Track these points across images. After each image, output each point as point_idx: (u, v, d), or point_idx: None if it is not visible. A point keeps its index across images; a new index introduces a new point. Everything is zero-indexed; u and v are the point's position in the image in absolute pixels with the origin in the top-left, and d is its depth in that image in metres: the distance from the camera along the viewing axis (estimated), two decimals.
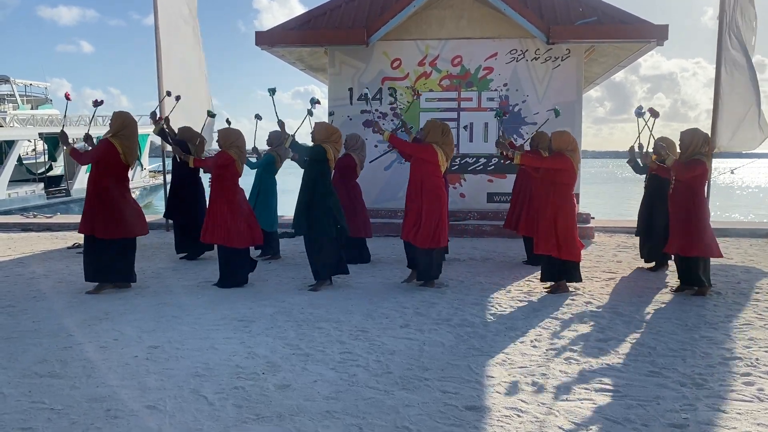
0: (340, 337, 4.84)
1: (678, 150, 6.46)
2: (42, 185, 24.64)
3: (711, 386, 3.86)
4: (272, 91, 6.84)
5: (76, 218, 13.27)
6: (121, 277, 6.44)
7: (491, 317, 5.46)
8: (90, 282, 6.40)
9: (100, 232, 6.21)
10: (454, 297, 6.17)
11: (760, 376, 4.02)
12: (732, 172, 8.90)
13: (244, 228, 6.57)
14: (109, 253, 6.28)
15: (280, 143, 8.07)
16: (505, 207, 10.75)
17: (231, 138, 6.57)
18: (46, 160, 26.94)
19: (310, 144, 6.55)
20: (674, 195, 6.26)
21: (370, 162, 10.42)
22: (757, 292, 6.37)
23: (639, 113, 6.89)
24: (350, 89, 11.03)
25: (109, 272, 6.37)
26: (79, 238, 10.33)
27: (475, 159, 10.92)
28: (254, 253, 7.83)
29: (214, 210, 6.53)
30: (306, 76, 13.84)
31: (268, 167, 8.14)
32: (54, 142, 26.53)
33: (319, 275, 6.56)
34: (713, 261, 6.51)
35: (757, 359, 4.35)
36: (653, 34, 10.05)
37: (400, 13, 10.32)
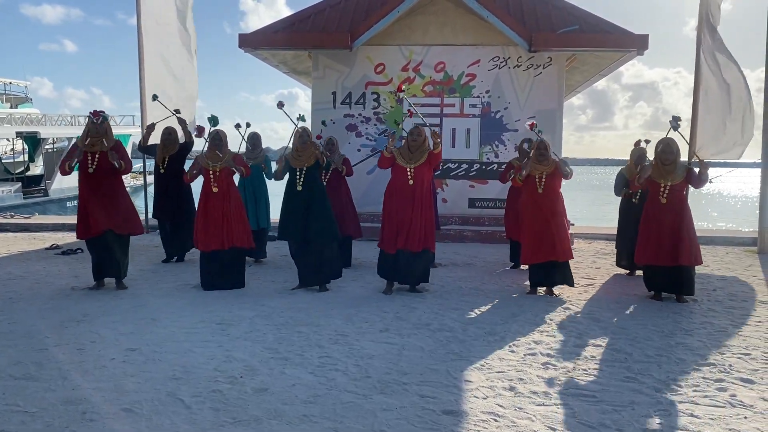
0: (320, 341, 4.84)
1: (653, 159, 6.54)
2: (19, 185, 24.33)
3: (685, 392, 3.92)
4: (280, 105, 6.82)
5: (55, 219, 13.16)
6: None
7: (470, 322, 5.48)
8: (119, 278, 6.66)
9: (139, 227, 6.71)
10: (434, 302, 6.19)
11: (733, 383, 4.09)
12: (710, 182, 9.01)
13: None
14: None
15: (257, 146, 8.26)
16: (488, 213, 10.87)
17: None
18: (25, 159, 26.62)
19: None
20: (673, 204, 6.23)
21: (353, 166, 10.42)
22: (732, 300, 6.46)
23: (675, 126, 6.59)
24: (333, 93, 11.04)
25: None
26: (56, 238, 10.24)
27: (457, 164, 10.97)
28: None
29: (243, 214, 6.80)
30: (289, 79, 13.83)
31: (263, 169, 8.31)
32: (33, 141, 26.22)
33: (326, 279, 6.67)
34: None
35: (730, 365, 4.41)
36: (634, 44, 10.18)
37: (384, 18, 10.34)
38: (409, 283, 6.60)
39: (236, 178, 6.89)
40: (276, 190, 7.03)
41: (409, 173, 6.36)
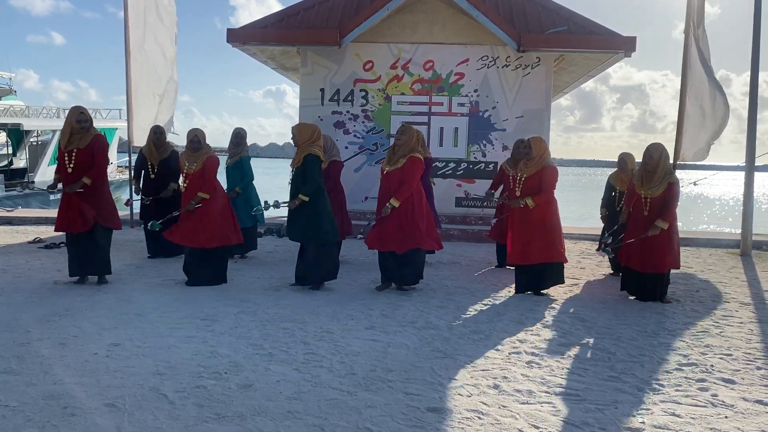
0: (305, 338, 4.82)
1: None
2: (2, 177, 24.02)
3: (667, 391, 3.95)
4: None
5: (38, 212, 13.01)
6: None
7: (456, 320, 5.50)
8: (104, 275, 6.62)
9: (117, 223, 6.63)
10: (420, 300, 6.20)
11: (714, 382, 4.13)
12: (695, 184, 9.13)
13: None
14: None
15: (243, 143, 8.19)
16: (475, 212, 10.90)
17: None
18: (9, 152, 26.28)
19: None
20: (652, 213, 6.23)
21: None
22: (714, 301, 6.53)
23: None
24: (322, 89, 11.02)
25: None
26: (39, 232, 10.14)
27: (444, 163, 10.99)
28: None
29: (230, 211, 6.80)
30: (278, 75, 13.80)
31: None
32: (17, 134, 25.90)
33: (324, 279, 6.57)
34: (675, 270, 6.68)
35: (712, 366, 4.46)
36: (621, 45, 10.25)
37: (373, 16, 10.33)
38: (396, 282, 6.59)
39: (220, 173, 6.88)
40: (265, 187, 6.97)
41: (382, 175, 6.44)
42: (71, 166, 6.22)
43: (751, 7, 9.70)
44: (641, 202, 6.33)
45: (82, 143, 6.24)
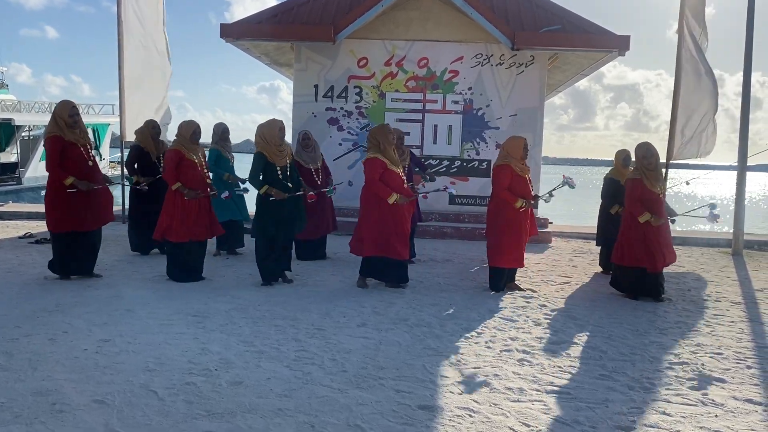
0: (297, 335, 4.81)
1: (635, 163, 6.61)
2: None
3: (658, 390, 3.96)
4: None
5: (29, 207, 12.94)
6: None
7: (448, 318, 5.49)
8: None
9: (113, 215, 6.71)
10: (413, 297, 6.19)
11: (705, 381, 4.13)
12: (687, 183, 9.17)
13: None
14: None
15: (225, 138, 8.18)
16: (468, 210, 10.90)
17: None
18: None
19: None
20: (660, 210, 6.33)
21: (333, 160, 10.39)
22: (706, 300, 6.55)
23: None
24: (316, 86, 10.98)
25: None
26: (30, 227, 10.07)
27: (438, 161, 10.98)
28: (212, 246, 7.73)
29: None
30: (271, 71, 13.75)
31: (219, 161, 8.04)
32: (7, 129, 25.72)
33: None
34: (666, 269, 6.70)
35: (703, 365, 4.47)
36: (615, 44, 10.26)
37: (367, 12, 10.31)
38: (397, 282, 6.56)
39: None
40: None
41: (403, 176, 6.44)
42: (92, 160, 6.31)
43: (745, 7, 9.73)
44: (652, 198, 6.30)
45: (88, 138, 6.37)
